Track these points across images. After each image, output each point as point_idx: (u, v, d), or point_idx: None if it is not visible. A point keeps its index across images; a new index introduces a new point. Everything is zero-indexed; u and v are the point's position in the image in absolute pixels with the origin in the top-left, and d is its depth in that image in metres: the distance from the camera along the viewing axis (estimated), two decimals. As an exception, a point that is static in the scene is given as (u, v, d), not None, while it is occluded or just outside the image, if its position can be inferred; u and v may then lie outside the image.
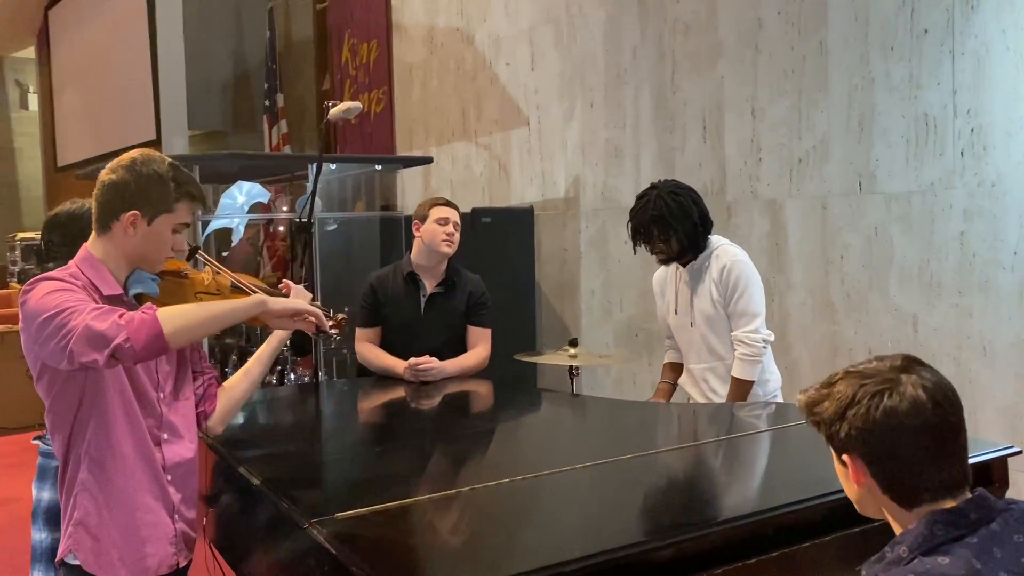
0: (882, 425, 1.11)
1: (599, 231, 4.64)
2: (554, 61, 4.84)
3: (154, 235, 1.69)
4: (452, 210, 3.00)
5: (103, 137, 8.44)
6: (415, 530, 1.56)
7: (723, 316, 2.80)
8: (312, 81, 7.29)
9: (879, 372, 1.14)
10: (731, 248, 2.86)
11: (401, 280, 2.99)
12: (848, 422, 1.13)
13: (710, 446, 2.24)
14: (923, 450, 1.11)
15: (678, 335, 2.97)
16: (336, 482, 1.93)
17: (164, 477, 1.73)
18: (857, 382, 1.14)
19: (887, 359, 1.17)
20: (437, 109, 5.83)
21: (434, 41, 5.82)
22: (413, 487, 1.74)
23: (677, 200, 2.78)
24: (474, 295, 2.99)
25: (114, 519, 1.67)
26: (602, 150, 4.58)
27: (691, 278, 2.86)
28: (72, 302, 1.55)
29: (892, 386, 1.12)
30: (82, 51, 9.22)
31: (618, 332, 4.56)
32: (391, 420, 2.83)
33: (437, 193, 5.85)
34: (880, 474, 1.13)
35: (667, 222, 2.74)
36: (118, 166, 1.68)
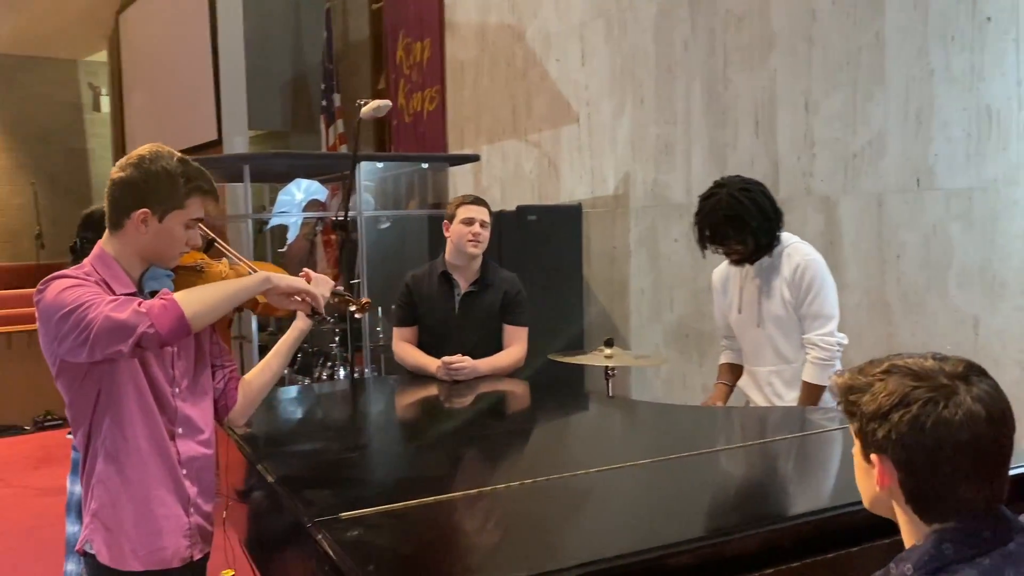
0: (930, 437, 1.00)
1: (649, 229, 4.56)
2: (604, 56, 4.77)
3: (166, 232, 1.70)
4: (479, 208, 2.95)
5: (168, 138, 8.60)
6: (420, 532, 1.53)
7: (794, 318, 2.67)
8: (368, 81, 7.34)
9: (934, 375, 1.03)
10: (803, 246, 2.72)
11: (436, 279, 2.97)
12: (891, 425, 1.02)
13: (765, 447, 2.15)
14: (964, 469, 1.01)
15: (741, 335, 2.85)
16: (350, 481, 1.91)
17: (179, 471, 1.75)
18: (910, 383, 1.03)
19: (947, 361, 1.05)
20: (488, 107, 5.81)
21: (486, 38, 5.80)
22: (426, 488, 1.70)
23: (750, 196, 2.62)
24: (509, 293, 2.95)
25: (128, 511, 1.69)
26: (652, 146, 4.50)
27: (759, 277, 2.72)
28: (88, 296, 1.57)
29: (948, 395, 1.01)
30: (149, 54, 9.47)
31: (668, 332, 4.48)
32: (417, 419, 2.80)
33: (487, 191, 5.84)
34: (910, 484, 1.04)
35: (742, 221, 2.59)
36: (127, 164, 1.69)
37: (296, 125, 8.11)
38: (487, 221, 2.95)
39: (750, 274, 2.75)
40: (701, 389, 4.31)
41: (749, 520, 1.54)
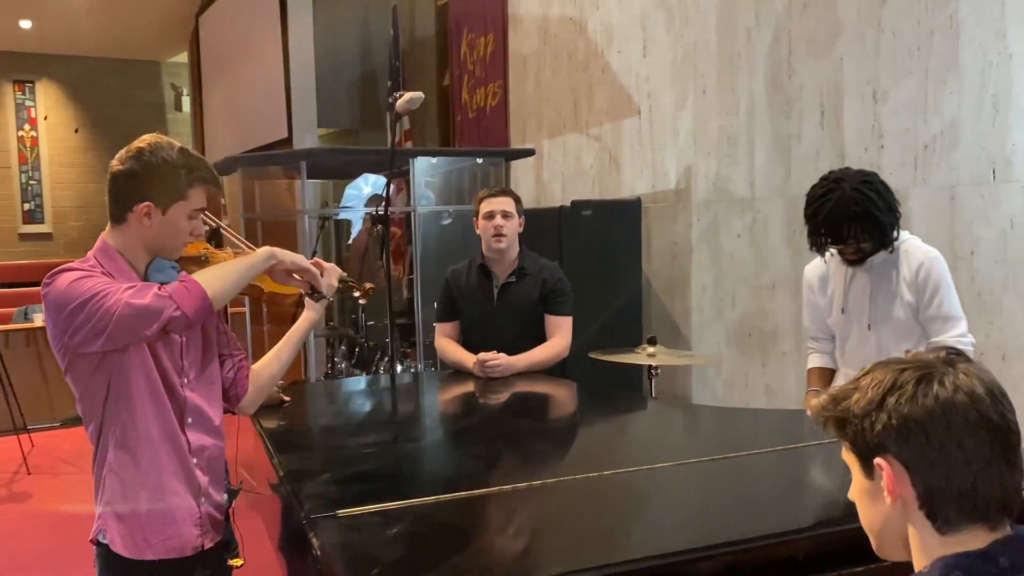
0: (934, 414, 0.90)
1: (711, 224, 4.43)
2: (666, 47, 4.66)
3: (170, 224, 1.69)
4: (498, 199, 2.89)
5: (242, 136, 8.86)
6: (413, 531, 1.49)
7: (914, 322, 2.46)
8: (434, 77, 7.36)
9: (920, 360, 0.95)
10: (920, 243, 2.50)
11: (474, 272, 2.93)
12: (888, 412, 0.92)
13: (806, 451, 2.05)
14: (981, 451, 0.90)
15: (843, 337, 2.64)
16: (358, 477, 1.88)
17: (190, 460, 1.75)
18: (896, 367, 0.94)
19: (926, 353, 0.97)
20: (549, 100, 5.75)
21: (548, 32, 5.73)
22: (430, 486, 1.66)
23: (874, 189, 2.37)
24: (548, 282, 2.88)
25: (142, 501, 1.70)
26: (714, 139, 4.36)
27: (869, 275, 2.50)
28: (101, 286, 1.58)
29: (939, 373, 0.92)
30: (226, 54, 9.71)
31: (730, 331, 4.34)
32: (448, 415, 2.75)
33: (548, 186, 5.78)
34: (922, 481, 0.92)
35: (872, 217, 2.35)
36: (127, 156, 1.67)
37: (365, 122, 8.18)
38: (509, 211, 2.88)
39: (856, 271, 2.53)
40: (763, 390, 4.17)
41: (811, 522, 1.47)
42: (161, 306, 1.57)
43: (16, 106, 11.14)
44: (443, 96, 7.15)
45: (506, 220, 2.85)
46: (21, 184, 11.21)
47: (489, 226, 2.84)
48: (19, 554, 4.23)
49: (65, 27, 10.36)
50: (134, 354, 1.66)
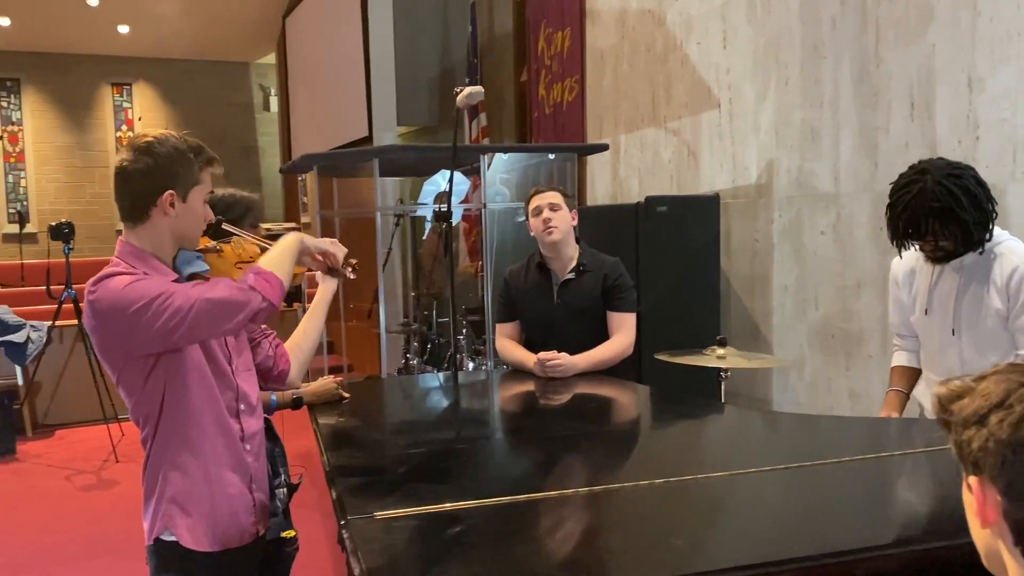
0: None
1: (793, 220, 4.26)
2: (747, 37, 4.50)
3: (191, 210, 1.72)
4: (544, 194, 2.84)
5: (325, 135, 9.02)
6: (452, 537, 1.45)
7: (1000, 330, 2.28)
8: (511, 74, 7.32)
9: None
10: (1018, 245, 2.30)
11: (533, 271, 2.88)
12: (988, 430, 0.81)
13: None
14: None
15: (927, 339, 2.49)
16: (402, 478, 1.85)
17: (243, 447, 1.77)
18: (1017, 378, 0.83)
19: None
20: (627, 95, 5.64)
21: (626, 24, 5.62)
22: (476, 490, 1.62)
23: (960, 184, 2.19)
24: (610, 277, 2.80)
25: (205, 494, 1.72)
26: (797, 132, 4.19)
27: (959, 275, 2.34)
28: (162, 286, 1.60)
29: None
30: (310, 54, 9.90)
31: (812, 332, 4.17)
32: (499, 417, 2.68)
33: (625, 182, 5.68)
34: (1015, 516, 0.81)
35: (953, 214, 2.17)
36: (138, 154, 1.67)
37: (444, 120, 8.21)
38: (556, 203, 2.81)
39: (944, 270, 2.37)
40: (847, 395, 3.99)
41: (893, 539, 1.39)
42: (247, 299, 1.62)
43: (114, 107, 11.63)
44: (520, 92, 7.11)
45: (554, 212, 2.79)
46: (119, 183, 11.68)
47: (539, 221, 2.79)
48: (106, 538, 4.40)
49: (160, 31, 10.76)
50: (190, 350, 1.67)
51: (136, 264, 1.69)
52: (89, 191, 11.45)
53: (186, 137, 1.73)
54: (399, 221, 5.02)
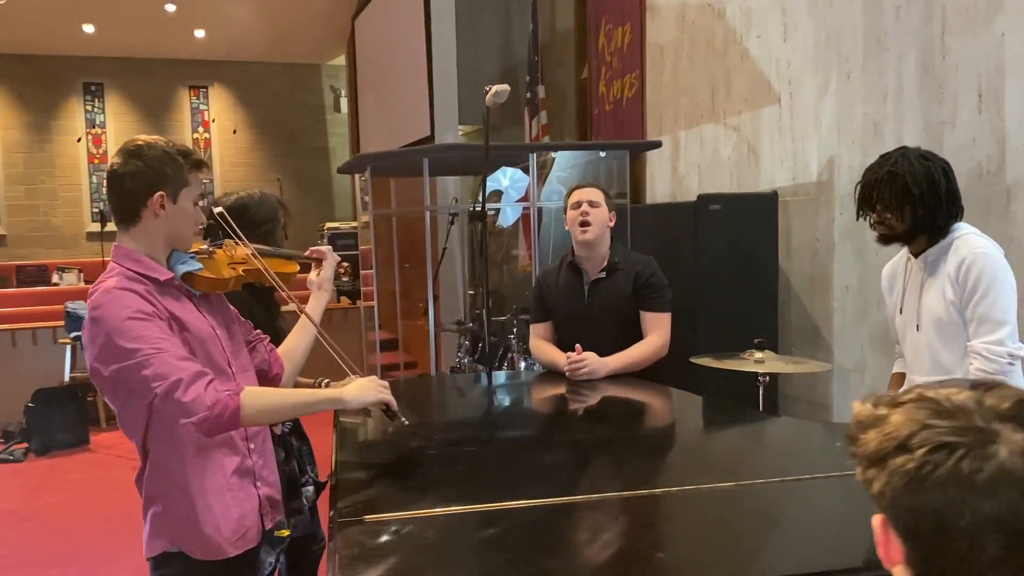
0: (934, 499, 0.70)
1: (854, 219, 4.09)
2: (808, 30, 4.35)
3: (181, 212, 1.74)
4: (586, 189, 2.79)
5: (390, 135, 9.11)
6: (430, 543, 1.42)
7: (957, 321, 2.28)
8: (573, 71, 7.27)
9: (965, 411, 0.73)
10: (977, 239, 2.31)
11: (565, 271, 2.83)
12: (888, 474, 0.73)
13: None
14: (990, 554, 0.68)
15: (903, 340, 2.50)
16: (406, 480, 1.84)
17: (246, 446, 1.78)
18: (925, 418, 0.74)
19: (995, 393, 0.74)
20: (686, 90, 5.53)
21: (686, 19, 5.51)
22: (476, 495, 1.59)
23: (925, 165, 2.27)
24: (641, 276, 2.73)
25: (211, 503, 1.73)
26: (859, 127, 4.04)
27: (923, 272, 2.37)
28: (154, 344, 1.59)
29: (974, 443, 0.70)
30: (377, 55, 10.02)
31: (873, 335, 4.01)
32: (522, 420, 2.61)
33: (684, 179, 5.57)
34: (916, 563, 0.73)
35: (904, 186, 2.25)
36: (127, 158, 1.71)
37: (506, 119, 8.21)
38: (596, 200, 2.75)
39: (915, 269, 2.41)
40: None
41: None
42: (195, 412, 1.58)
43: (191, 110, 11.99)
44: (581, 90, 7.05)
45: (592, 208, 2.73)
46: (196, 183, 12.05)
47: (575, 215, 2.74)
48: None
49: (234, 35, 11.05)
50: (183, 350, 1.68)
51: (131, 266, 1.72)
52: (167, 191, 11.83)
53: (174, 142, 1.78)
54: (453, 219, 5.03)
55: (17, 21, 9.93)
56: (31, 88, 11.18)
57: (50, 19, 9.99)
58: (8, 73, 11.08)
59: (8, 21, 9.86)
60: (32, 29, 10.24)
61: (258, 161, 12.22)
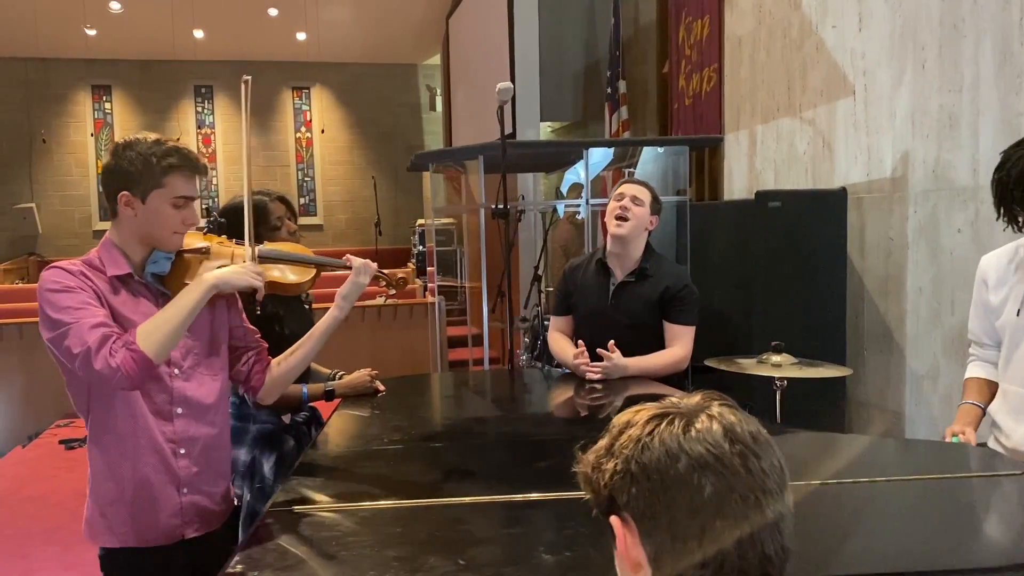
0: (658, 451, 0.76)
1: (929, 217, 3.88)
2: (883, 18, 4.14)
3: (152, 212, 1.76)
4: (634, 185, 2.70)
5: (478, 133, 9.19)
6: (335, 537, 1.43)
7: None
8: (654, 65, 7.14)
9: (665, 405, 0.83)
10: None
11: (593, 267, 2.77)
12: (613, 457, 0.80)
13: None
14: (710, 500, 0.74)
15: (1012, 346, 2.20)
16: (356, 474, 1.84)
17: (172, 448, 1.78)
18: (631, 413, 0.83)
19: (694, 398, 0.84)
20: (764, 83, 5.34)
21: (763, 10, 5.33)
22: (408, 491, 1.59)
23: None
24: (671, 288, 2.65)
25: (118, 490, 1.76)
26: (935, 119, 3.81)
27: None
28: (73, 315, 1.64)
29: (675, 417, 0.79)
30: (468, 53, 10.13)
31: (947, 339, 3.78)
32: (510, 419, 2.54)
33: (761, 175, 5.39)
34: (647, 534, 0.77)
35: None
36: (110, 156, 1.78)
37: (589, 115, 8.16)
38: (640, 198, 2.67)
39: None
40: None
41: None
42: (110, 376, 1.62)
43: (294, 110, 12.43)
44: (662, 84, 6.92)
45: (634, 204, 2.66)
46: (298, 181, 12.50)
47: (615, 206, 2.67)
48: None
49: (334, 37, 11.38)
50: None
51: (102, 254, 1.80)
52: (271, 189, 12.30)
53: (163, 142, 1.79)
54: (520, 216, 5.02)
55: (134, 29, 10.55)
56: (147, 92, 11.84)
57: (164, 26, 10.55)
58: (126, 78, 11.77)
59: (125, 29, 10.47)
60: (148, 36, 10.85)
61: (357, 159, 12.56)
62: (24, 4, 9.63)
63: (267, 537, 1.38)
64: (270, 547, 1.37)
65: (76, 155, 11.78)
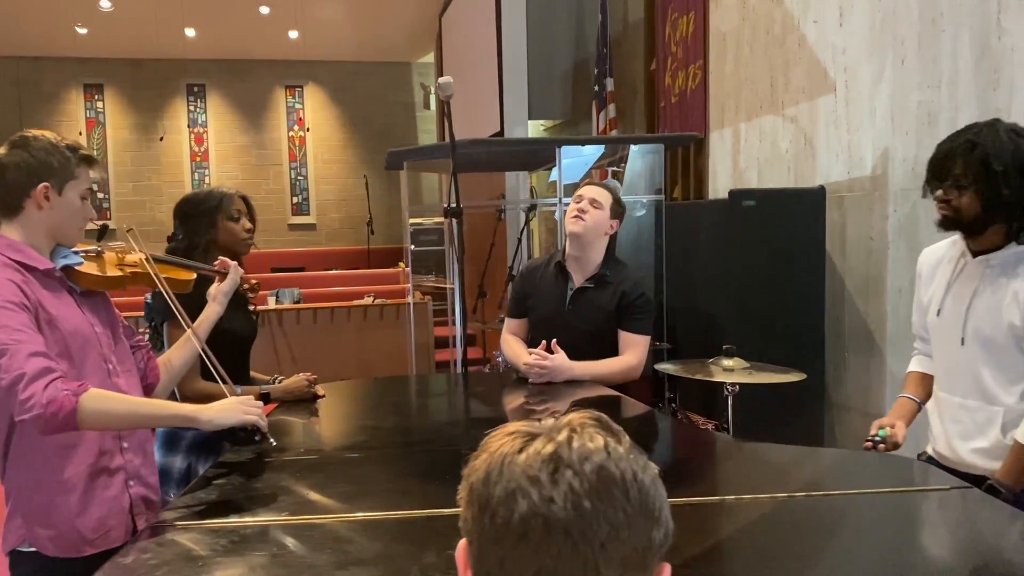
0: (482, 477, 0.72)
1: (909, 216, 3.79)
2: (863, 12, 4.05)
3: (67, 204, 1.73)
4: (594, 187, 2.63)
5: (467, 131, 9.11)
6: (210, 555, 1.36)
7: (1016, 351, 1.92)
8: (643, 63, 7.06)
9: (529, 424, 0.77)
10: None
11: (552, 270, 2.69)
12: (465, 477, 0.76)
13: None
14: (507, 531, 0.68)
15: (937, 345, 2.15)
16: (256, 486, 1.77)
17: (118, 444, 1.75)
18: (500, 429, 0.78)
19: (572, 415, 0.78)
20: (747, 80, 5.26)
21: (747, 5, 5.25)
22: (299, 508, 1.52)
23: (1015, 141, 1.86)
24: (628, 295, 2.57)
25: (67, 500, 1.70)
26: (913, 116, 3.72)
27: (981, 274, 1.98)
28: (11, 333, 1.57)
29: (525, 436, 0.73)
30: (459, 50, 10.06)
31: (926, 341, 3.69)
32: (431, 425, 2.45)
33: (744, 174, 5.31)
34: (475, 566, 0.73)
35: (982, 159, 1.84)
36: (11, 148, 1.73)
37: (577, 113, 8.07)
38: (599, 200, 2.59)
39: (969, 265, 2.02)
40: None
41: None
42: (29, 409, 1.54)
43: (287, 109, 12.37)
44: (650, 82, 6.83)
45: (592, 207, 2.58)
46: (290, 179, 12.43)
47: (573, 207, 2.60)
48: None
49: (327, 35, 11.31)
50: (53, 342, 1.67)
51: (12, 255, 1.72)
52: (264, 188, 12.25)
53: (63, 137, 1.77)
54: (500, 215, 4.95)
55: (125, 27, 10.49)
56: (139, 90, 11.79)
57: (155, 25, 10.49)
58: (118, 76, 11.72)
59: (117, 27, 10.42)
60: (139, 34, 10.79)
61: (350, 158, 12.49)
62: (13, 3, 9.58)
63: (137, 555, 1.31)
64: (140, 564, 1.31)
65: (68, 154, 11.76)
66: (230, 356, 2.34)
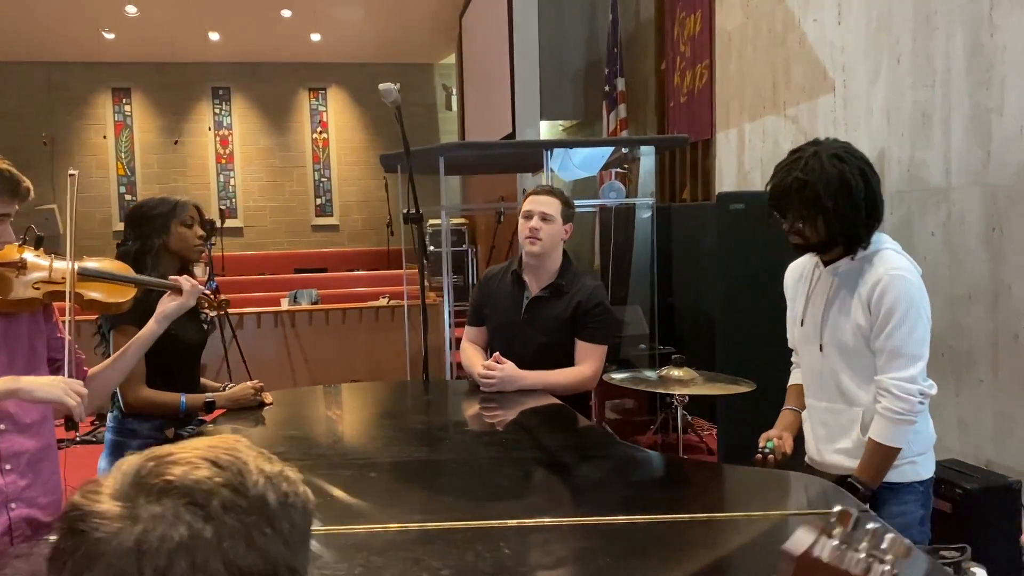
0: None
1: (903, 219, 3.69)
2: (860, 11, 3.96)
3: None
4: (542, 198, 2.55)
5: (484, 132, 9.10)
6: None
7: (865, 351, 1.97)
8: (653, 63, 6.98)
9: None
10: (895, 257, 2.00)
11: (509, 279, 2.64)
12: None
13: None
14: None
15: (803, 354, 2.19)
16: None
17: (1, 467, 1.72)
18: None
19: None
20: (751, 79, 5.17)
21: (750, 3, 5.16)
22: None
23: (839, 167, 1.94)
24: (584, 304, 2.51)
25: None
26: (908, 116, 3.63)
27: (832, 285, 2.04)
28: None
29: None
30: (479, 52, 10.05)
31: (921, 348, 3.59)
32: (372, 436, 2.38)
33: (749, 174, 5.22)
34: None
35: (815, 194, 1.91)
36: None
37: (589, 114, 8.01)
38: (549, 214, 2.53)
39: (823, 276, 2.07)
40: (956, 424, 3.40)
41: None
42: None
43: (310, 111, 12.46)
44: (660, 82, 6.76)
45: (544, 223, 2.53)
46: (314, 181, 12.52)
47: (525, 227, 2.55)
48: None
49: (348, 37, 11.37)
50: None
51: None
52: (288, 189, 12.36)
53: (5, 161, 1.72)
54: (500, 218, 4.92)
55: (151, 32, 10.64)
56: (165, 94, 11.96)
57: (180, 29, 10.64)
58: (144, 80, 11.90)
59: (143, 32, 10.58)
60: (164, 39, 10.95)
61: (372, 159, 12.51)
62: (42, 10, 9.77)
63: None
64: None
65: (97, 157, 11.93)
66: (179, 363, 2.35)
